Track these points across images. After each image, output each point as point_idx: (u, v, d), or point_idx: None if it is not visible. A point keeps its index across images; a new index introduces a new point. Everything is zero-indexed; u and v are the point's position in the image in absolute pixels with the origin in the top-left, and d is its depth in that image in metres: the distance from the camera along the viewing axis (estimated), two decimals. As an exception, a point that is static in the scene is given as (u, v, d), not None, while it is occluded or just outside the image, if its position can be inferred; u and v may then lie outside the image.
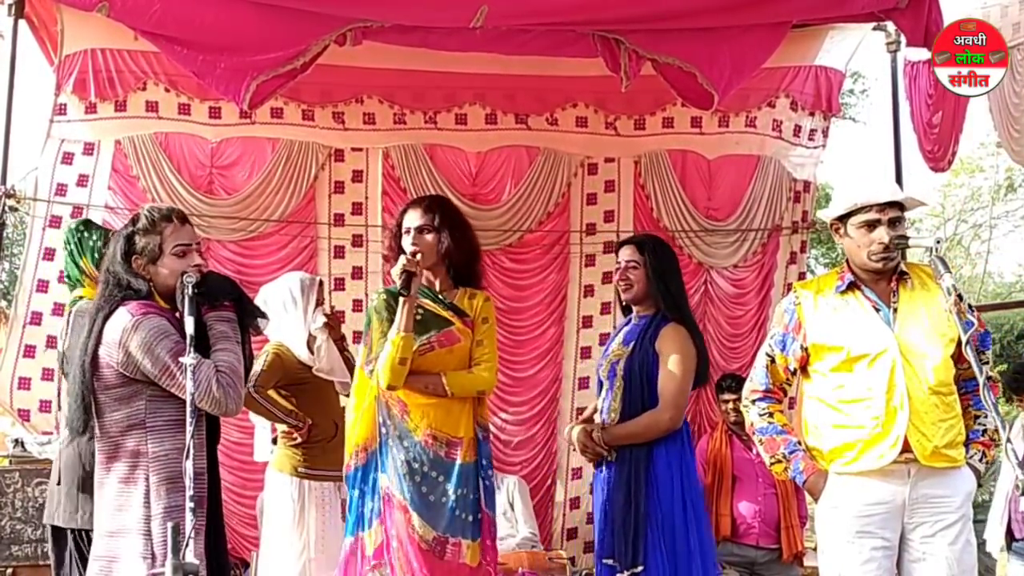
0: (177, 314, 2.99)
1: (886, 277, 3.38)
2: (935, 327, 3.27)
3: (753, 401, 3.60)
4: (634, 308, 4.13)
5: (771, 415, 3.54)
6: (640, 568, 3.79)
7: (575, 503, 6.65)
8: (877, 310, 3.35)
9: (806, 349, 3.46)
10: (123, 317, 2.85)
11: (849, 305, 3.38)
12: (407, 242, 3.65)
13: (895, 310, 3.33)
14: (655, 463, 3.89)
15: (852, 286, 3.40)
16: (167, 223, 3.01)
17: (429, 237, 3.66)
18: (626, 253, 4.10)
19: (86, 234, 4.06)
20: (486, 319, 3.74)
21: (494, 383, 3.82)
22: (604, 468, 4.02)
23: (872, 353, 3.28)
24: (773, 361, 3.56)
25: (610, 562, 3.88)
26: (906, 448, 3.22)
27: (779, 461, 3.49)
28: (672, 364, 3.91)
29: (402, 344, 3.49)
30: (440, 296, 3.72)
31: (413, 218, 3.69)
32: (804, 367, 3.51)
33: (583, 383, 6.65)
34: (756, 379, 3.61)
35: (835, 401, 3.36)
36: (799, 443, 3.48)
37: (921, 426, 3.21)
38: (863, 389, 3.29)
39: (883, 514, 3.28)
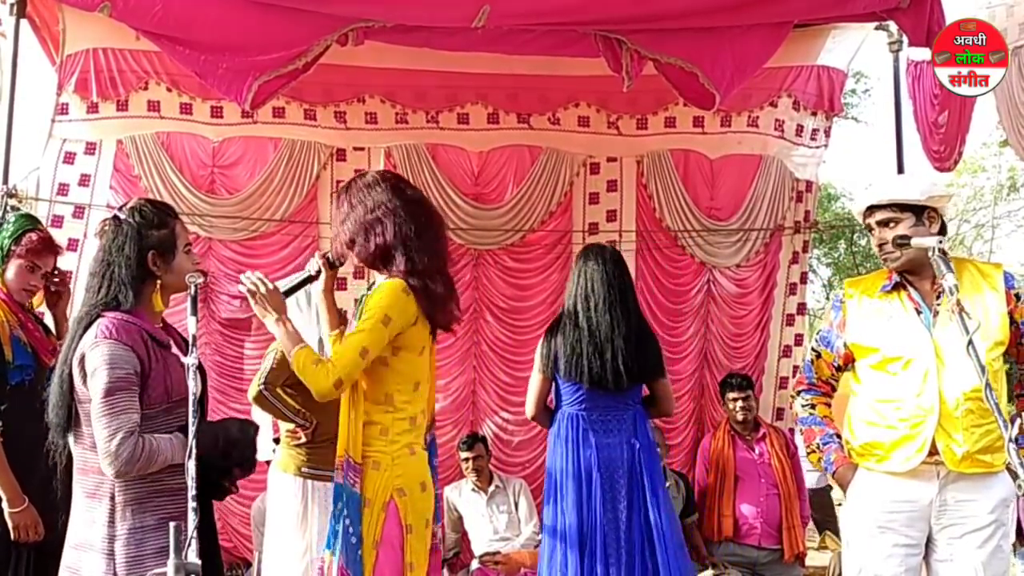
0: (158, 325, 2.94)
1: (929, 278, 3.34)
2: (980, 331, 3.16)
3: (798, 392, 3.68)
4: None
5: (813, 407, 3.61)
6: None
7: (577, 503, 6.65)
8: (919, 312, 3.33)
9: (848, 347, 3.48)
10: (91, 333, 2.75)
11: (892, 306, 3.38)
12: None
13: (936, 312, 3.30)
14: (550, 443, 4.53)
15: (898, 286, 3.39)
16: (175, 220, 2.97)
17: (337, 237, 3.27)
18: None
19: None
20: (363, 312, 3.07)
21: (326, 390, 3.00)
22: None
23: (906, 356, 3.28)
24: (818, 356, 3.61)
25: None
26: (935, 451, 3.20)
27: (813, 451, 3.57)
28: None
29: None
30: (363, 295, 3.26)
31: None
32: (851, 364, 3.52)
33: (585, 383, 6.65)
34: (803, 372, 3.70)
35: (871, 400, 3.38)
36: (835, 435, 3.53)
37: (952, 431, 3.19)
38: (896, 391, 3.29)
39: (908, 513, 3.29)
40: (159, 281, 2.91)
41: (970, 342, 2.79)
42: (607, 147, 6.64)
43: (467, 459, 5.96)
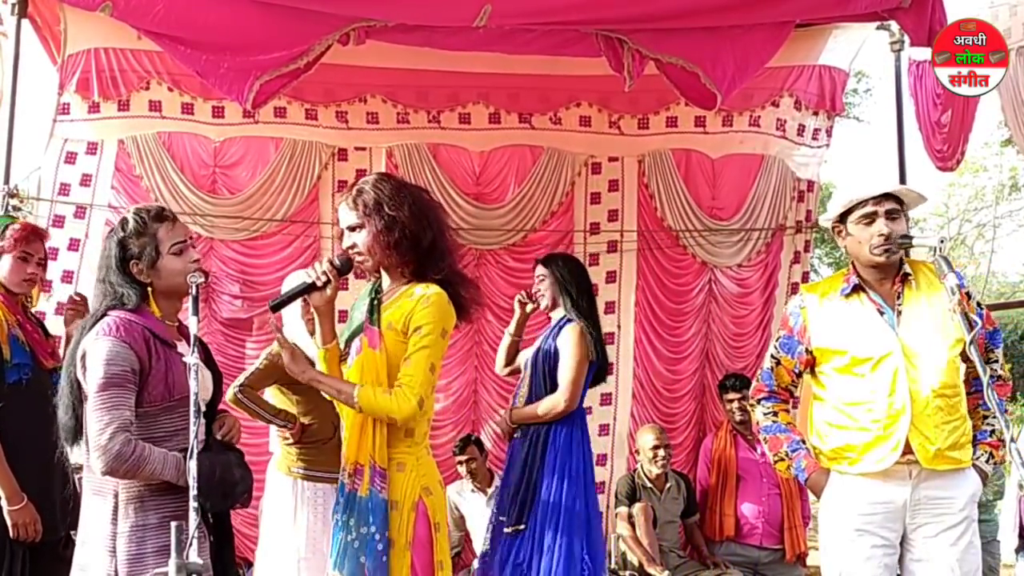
0: (173, 323, 2.95)
1: (890, 279, 3.36)
2: (940, 328, 3.24)
3: (759, 400, 3.63)
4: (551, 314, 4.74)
5: (775, 414, 3.56)
6: (522, 527, 4.39)
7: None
8: (881, 313, 3.32)
9: (811, 352, 3.46)
10: (95, 329, 2.78)
11: (853, 308, 3.36)
12: (344, 244, 3.12)
13: (899, 312, 3.31)
14: (553, 440, 4.47)
15: (857, 288, 3.38)
16: (159, 223, 2.93)
17: (361, 235, 3.03)
18: (536, 271, 4.76)
19: None
20: (420, 328, 2.96)
21: (411, 413, 2.93)
22: (513, 443, 4.63)
23: (875, 357, 3.27)
24: (778, 363, 3.56)
25: (503, 519, 4.47)
26: (908, 450, 3.21)
27: (782, 459, 3.53)
28: (568, 356, 4.47)
29: (323, 358, 3.12)
30: (377, 296, 3.12)
31: (343, 216, 3.10)
32: (812, 368, 3.51)
33: (586, 382, 6.66)
34: (762, 379, 3.63)
35: (840, 403, 3.36)
36: (802, 441, 3.51)
37: (924, 429, 3.20)
38: (866, 392, 3.28)
39: (883, 514, 3.28)
40: (150, 287, 2.91)
41: (972, 341, 2.80)
42: (608, 147, 6.63)
43: (460, 462, 5.97)
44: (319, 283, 3.00)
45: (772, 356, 3.59)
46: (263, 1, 4.83)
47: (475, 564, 5.80)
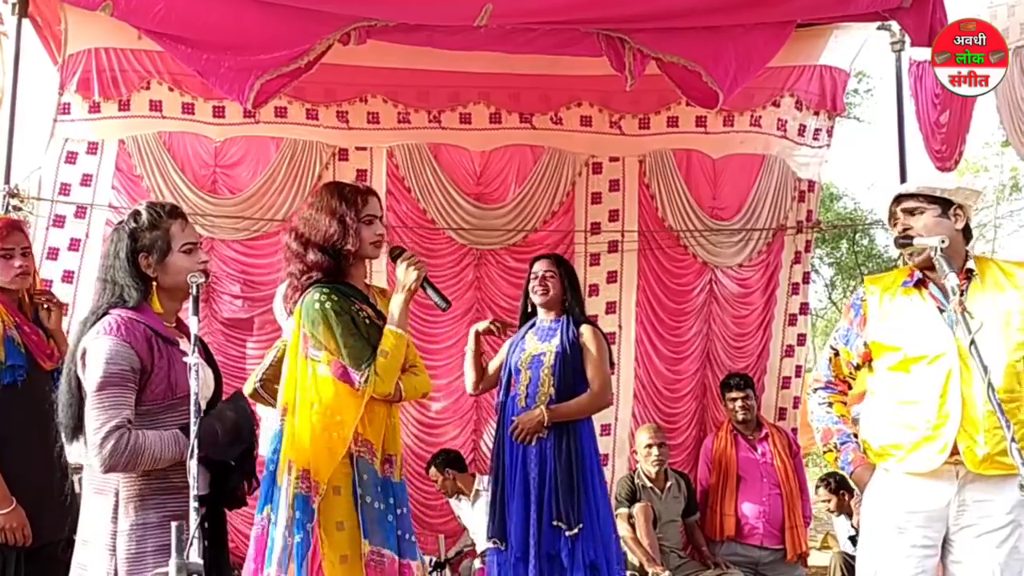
0: (171, 323, 2.95)
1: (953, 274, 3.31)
2: (1002, 330, 3.17)
3: (815, 390, 3.60)
4: (541, 311, 4.71)
5: (830, 405, 3.53)
6: (581, 525, 4.37)
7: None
8: (941, 310, 3.24)
9: (868, 345, 3.41)
10: (96, 328, 2.77)
11: (914, 303, 3.30)
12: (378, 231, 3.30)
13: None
14: (583, 436, 4.52)
15: (920, 283, 3.32)
16: (173, 220, 2.93)
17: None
18: (543, 265, 4.71)
19: None
20: None
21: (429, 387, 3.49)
22: (537, 444, 4.47)
23: (930, 355, 3.20)
24: (837, 354, 3.53)
25: (558, 524, 4.36)
26: (956, 451, 3.15)
27: (830, 450, 3.50)
28: (600, 354, 4.58)
29: (404, 343, 3.22)
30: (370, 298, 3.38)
31: (377, 207, 3.34)
32: (869, 362, 3.45)
33: (587, 382, 6.65)
34: (820, 370, 3.62)
35: (891, 400, 3.31)
36: (852, 435, 3.47)
37: (974, 432, 3.13)
38: (918, 391, 3.22)
39: (926, 513, 3.23)
40: (155, 282, 2.91)
41: (972, 342, 2.76)
42: (609, 147, 6.63)
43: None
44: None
45: (831, 347, 3.56)
46: (264, 1, 4.83)
47: (476, 564, 5.80)
